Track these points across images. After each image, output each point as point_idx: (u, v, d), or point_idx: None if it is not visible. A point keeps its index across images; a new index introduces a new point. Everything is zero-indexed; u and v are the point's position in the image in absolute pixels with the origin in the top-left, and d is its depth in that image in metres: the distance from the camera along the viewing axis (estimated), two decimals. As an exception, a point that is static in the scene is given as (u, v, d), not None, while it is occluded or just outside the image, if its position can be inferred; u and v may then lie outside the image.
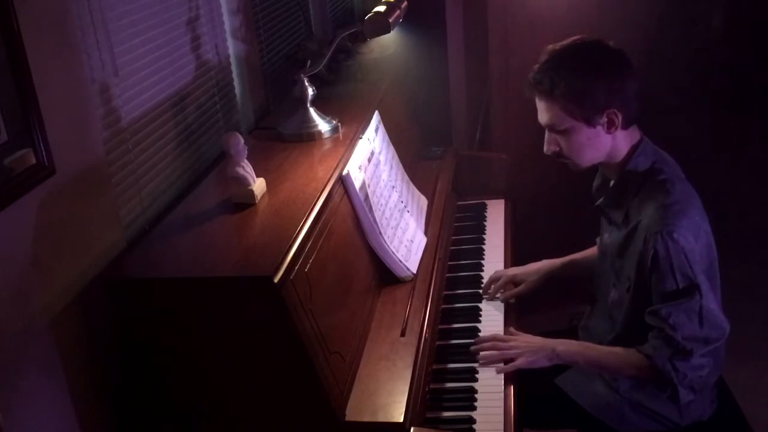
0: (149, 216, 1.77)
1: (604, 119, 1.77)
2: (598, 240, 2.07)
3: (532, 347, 1.88)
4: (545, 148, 1.88)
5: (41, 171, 1.35)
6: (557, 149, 1.86)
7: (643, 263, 1.74)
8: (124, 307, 1.48)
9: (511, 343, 1.89)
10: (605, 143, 1.81)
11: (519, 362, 1.85)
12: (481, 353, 1.88)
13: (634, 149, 1.83)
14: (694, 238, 1.70)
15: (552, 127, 1.83)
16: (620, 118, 1.77)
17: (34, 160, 1.33)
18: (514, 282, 2.18)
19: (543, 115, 1.83)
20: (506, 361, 1.86)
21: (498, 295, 2.15)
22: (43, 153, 1.35)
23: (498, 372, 1.84)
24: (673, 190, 1.75)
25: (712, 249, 1.79)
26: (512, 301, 2.15)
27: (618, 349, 1.84)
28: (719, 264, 1.82)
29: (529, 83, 1.83)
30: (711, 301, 1.71)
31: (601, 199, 1.92)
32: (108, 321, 1.50)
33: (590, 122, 1.78)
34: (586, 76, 1.75)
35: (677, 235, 1.68)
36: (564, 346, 1.89)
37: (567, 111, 1.78)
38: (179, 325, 1.48)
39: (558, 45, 1.82)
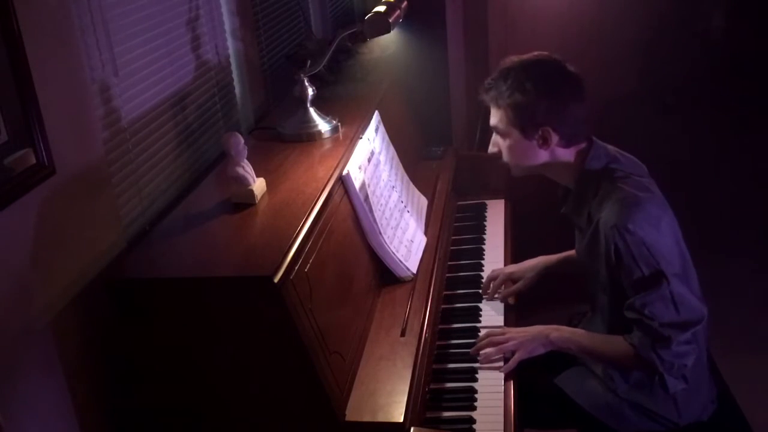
0: (149, 216, 1.77)
1: (539, 134, 1.83)
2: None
3: (528, 336, 1.91)
4: (489, 148, 1.98)
5: (41, 171, 1.35)
6: (497, 152, 1.94)
7: (609, 262, 1.76)
8: (124, 307, 1.48)
9: (507, 335, 1.91)
10: (540, 156, 1.87)
11: (518, 356, 1.87)
12: (481, 352, 1.89)
13: (585, 152, 1.86)
14: (652, 228, 1.72)
15: (496, 129, 1.92)
16: (555, 138, 1.82)
17: (34, 160, 1.33)
18: (511, 279, 2.19)
19: (491, 117, 1.92)
20: (505, 360, 1.87)
21: (496, 295, 2.15)
22: (43, 153, 1.35)
23: (501, 371, 1.85)
24: (626, 185, 1.77)
25: (680, 239, 1.81)
26: (511, 301, 2.15)
27: (608, 338, 1.87)
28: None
29: (482, 88, 1.91)
30: (680, 286, 1.72)
31: (564, 207, 1.94)
32: (108, 321, 1.50)
33: (525, 134, 1.85)
34: (528, 91, 1.81)
35: (632, 226, 1.70)
36: (558, 332, 1.91)
37: (507, 117, 1.86)
38: (179, 325, 1.48)
39: (516, 57, 1.89)
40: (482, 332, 1.99)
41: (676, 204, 1.86)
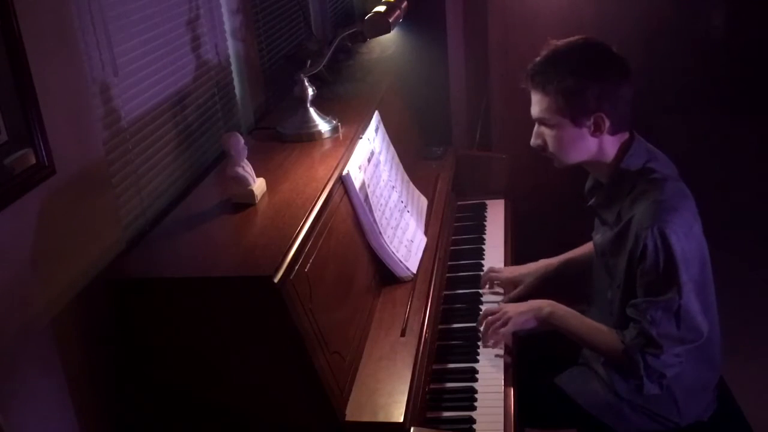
0: (149, 216, 1.77)
1: (591, 122, 1.78)
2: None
3: (521, 309, 1.93)
4: (532, 141, 1.90)
5: (41, 171, 1.35)
6: (542, 144, 1.87)
7: (632, 259, 1.76)
8: (124, 307, 1.48)
9: (502, 311, 1.94)
10: (590, 146, 1.82)
11: (509, 326, 1.90)
12: (480, 329, 1.94)
13: (625, 149, 1.84)
14: (684, 236, 1.71)
15: (541, 121, 1.85)
16: (608, 123, 1.78)
17: (34, 160, 1.33)
18: (512, 282, 2.19)
19: (535, 107, 1.85)
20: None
21: (496, 289, 2.18)
22: (43, 153, 1.35)
23: (492, 346, 1.90)
24: (665, 188, 1.76)
25: (704, 248, 1.80)
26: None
27: (602, 327, 1.87)
28: (719, 263, 1.83)
29: (527, 74, 1.84)
30: (691, 303, 1.71)
31: (593, 200, 1.93)
32: (108, 321, 1.50)
33: (576, 122, 1.79)
34: (580, 76, 1.76)
35: (668, 231, 1.69)
36: (552, 308, 1.92)
37: (556, 107, 1.79)
38: (179, 325, 1.48)
39: (561, 41, 1.83)
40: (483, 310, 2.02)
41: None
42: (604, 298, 1.95)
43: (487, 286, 2.19)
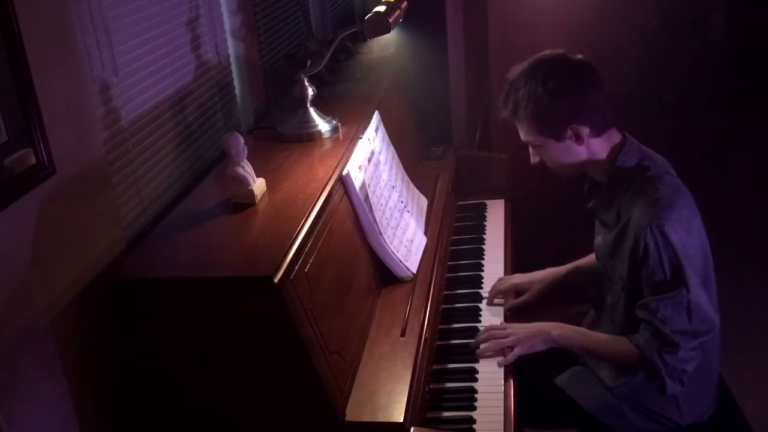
0: (149, 216, 1.77)
1: (570, 133, 1.81)
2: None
3: (528, 332, 1.91)
4: (531, 160, 1.95)
5: (41, 171, 1.35)
6: (540, 161, 1.92)
7: (634, 259, 1.75)
8: (125, 307, 1.48)
9: (507, 331, 1.92)
10: (579, 153, 1.85)
11: (517, 350, 1.88)
12: (481, 347, 1.91)
13: (618, 148, 1.85)
14: (684, 231, 1.72)
15: (529, 143, 1.90)
16: (586, 129, 1.80)
17: (34, 160, 1.33)
18: (517, 290, 2.18)
19: (520, 133, 1.90)
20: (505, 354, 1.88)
21: (501, 300, 2.15)
22: (43, 153, 1.35)
23: (499, 365, 1.86)
24: (661, 185, 1.77)
25: (705, 243, 1.80)
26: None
27: (611, 337, 1.87)
28: (719, 264, 1.83)
29: (500, 107, 1.89)
30: (699, 296, 1.72)
31: (592, 201, 1.94)
32: (108, 321, 1.50)
33: (557, 138, 1.82)
34: (542, 95, 1.78)
35: (667, 228, 1.69)
36: (559, 330, 1.91)
37: (535, 130, 1.84)
38: (179, 325, 1.48)
39: (519, 66, 1.86)
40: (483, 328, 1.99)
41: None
42: (604, 305, 1.95)
43: (500, 296, 2.16)
